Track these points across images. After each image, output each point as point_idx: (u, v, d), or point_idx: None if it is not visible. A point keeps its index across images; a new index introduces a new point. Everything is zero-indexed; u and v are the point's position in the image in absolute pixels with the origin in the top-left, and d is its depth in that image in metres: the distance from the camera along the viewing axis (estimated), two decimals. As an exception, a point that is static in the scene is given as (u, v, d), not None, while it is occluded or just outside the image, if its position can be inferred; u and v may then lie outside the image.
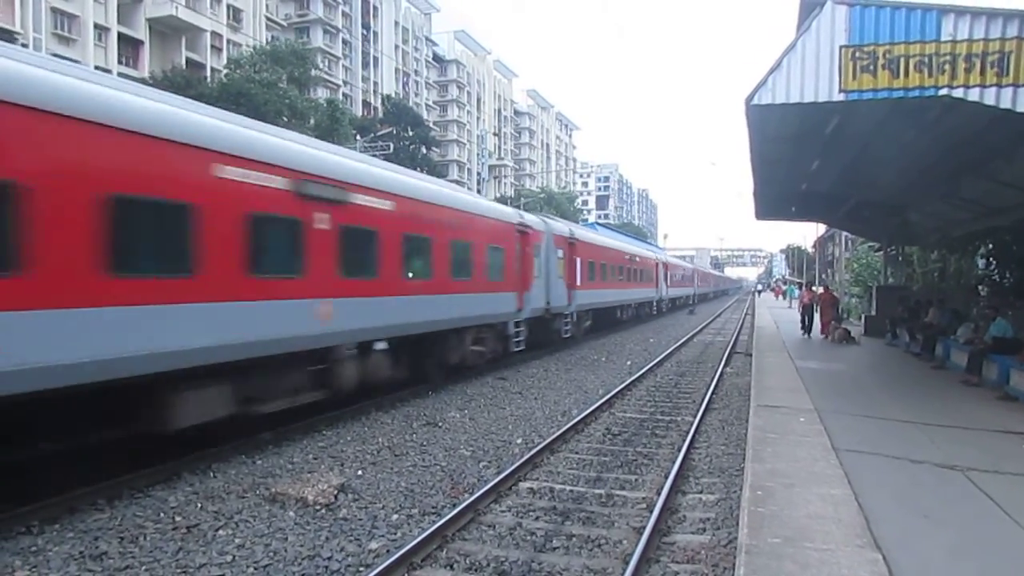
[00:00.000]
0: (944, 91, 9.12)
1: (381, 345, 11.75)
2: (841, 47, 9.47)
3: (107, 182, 6.88)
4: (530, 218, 20.54)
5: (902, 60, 9.19)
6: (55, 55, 42.71)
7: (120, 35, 48.31)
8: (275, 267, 9.22)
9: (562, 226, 23.99)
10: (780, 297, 66.93)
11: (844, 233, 42.20)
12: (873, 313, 25.86)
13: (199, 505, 7.15)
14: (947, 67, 9.00)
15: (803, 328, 24.77)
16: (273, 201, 9.13)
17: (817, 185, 18.80)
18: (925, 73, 9.09)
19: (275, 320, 9.05)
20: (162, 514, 6.86)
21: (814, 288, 26.17)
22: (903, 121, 11.87)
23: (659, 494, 7.41)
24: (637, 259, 35.59)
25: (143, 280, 7.29)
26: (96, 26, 46.33)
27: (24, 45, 40.76)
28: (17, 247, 6.06)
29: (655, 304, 41.65)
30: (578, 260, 23.96)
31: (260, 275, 8.82)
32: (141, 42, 50.21)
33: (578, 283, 23.84)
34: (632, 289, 34.02)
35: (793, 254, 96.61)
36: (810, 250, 72.62)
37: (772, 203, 22.68)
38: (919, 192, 18.33)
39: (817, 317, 25.58)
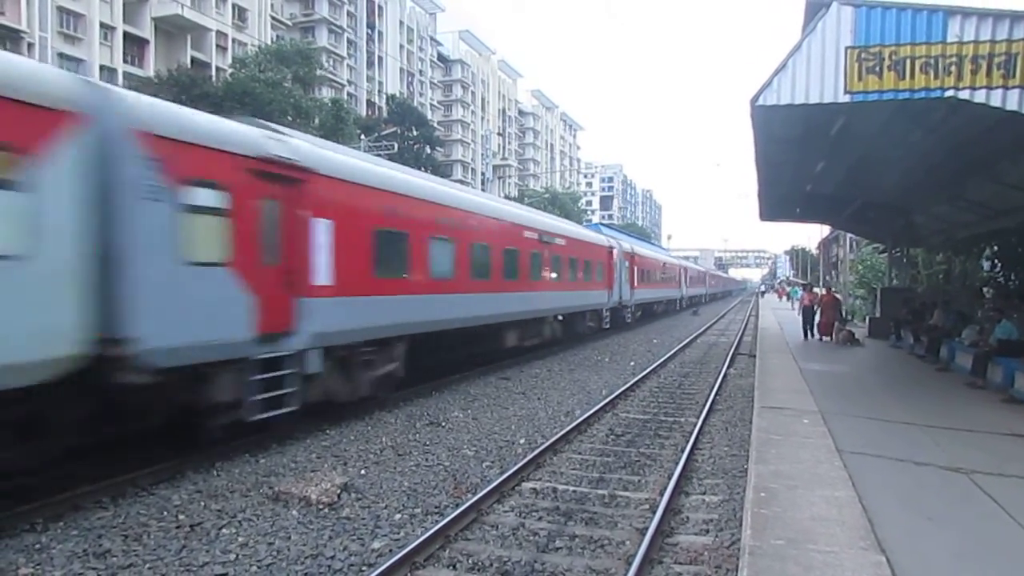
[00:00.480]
0: (950, 92, 9.08)
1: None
2: (847, 48, 9.43)
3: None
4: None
5: (908, 61, 9.16)
6: (61, 54, 43.02)
7: (126, 34, 48.44)
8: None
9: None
10: (784, 299, 66.90)
11: (849, 235, 42.14)
12: (877, 315, 25.80)
13: (203, 504, 7.16)
14: (953, 68, 8.96)
15: (804, 331, 24.29)
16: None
17: (822, 186, 18.76)
18: (931, 74, 9.06)
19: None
20: (166, 512, 6.88)
21: (816, 290, 25.97)
22: (909, 123, 11.85)
23: (662, 495, 7.40)
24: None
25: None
26: (102, 25, 46.47)
27: (30, 44, 40.98)
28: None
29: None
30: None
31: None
32: (147, 41, 50.34)
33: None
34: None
35: (797, 255, 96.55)
36: (814, 252, 72.57)
37: (777, 204, 22.64)
38: (924, 194, 18.28)
39: (855, 332, 24.57)
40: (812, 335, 23.92)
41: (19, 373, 6.05)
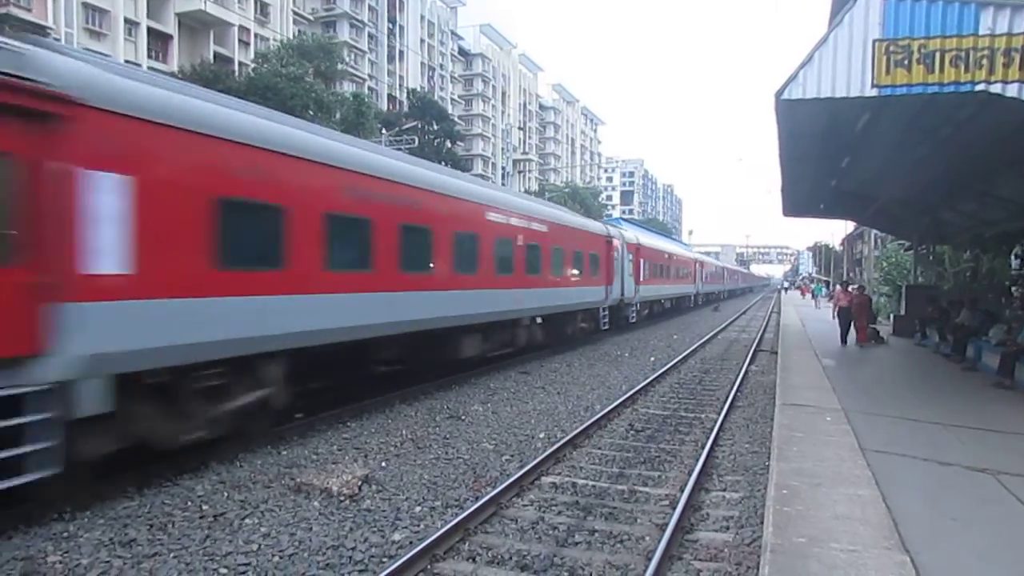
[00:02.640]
0: (981, 86, 8.92)
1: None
2: (874, 41, 9.29)
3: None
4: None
5: (938, 54, 9.00)
6: (87, 49, 43.56)
7: (150, 29, 48.84)
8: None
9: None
10: (808, 295, 64.96)
11: (873, 231, 41.64)
12: (902, 313, 25.45)
13: (226, 494, 7.24)
14: (985, 61, 8.79)
15: (842, 337, 20.91)
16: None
17: (847, 182, 18.53)
18: (962, 68, 8.89)
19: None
20: (190, 503, 6.96)
21: (851, 288, 22.64)
22: (937, 117, 11.66)
23: (682, 491, 7.36)
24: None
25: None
26: (126, 21, 46.89)
27: (56, 39, 41.50)
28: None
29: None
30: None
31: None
32: (170, 36, 50.76)
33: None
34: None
35: (820, 252, 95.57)
36: (838, 248, 71.77)
37: (800, 200, 22.39)
38: (952, 190, 17.99)
39: (880, 330, 22.37)
40: (847, 341, 20.78)
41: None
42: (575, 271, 20.79)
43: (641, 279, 29.56)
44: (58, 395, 6.02)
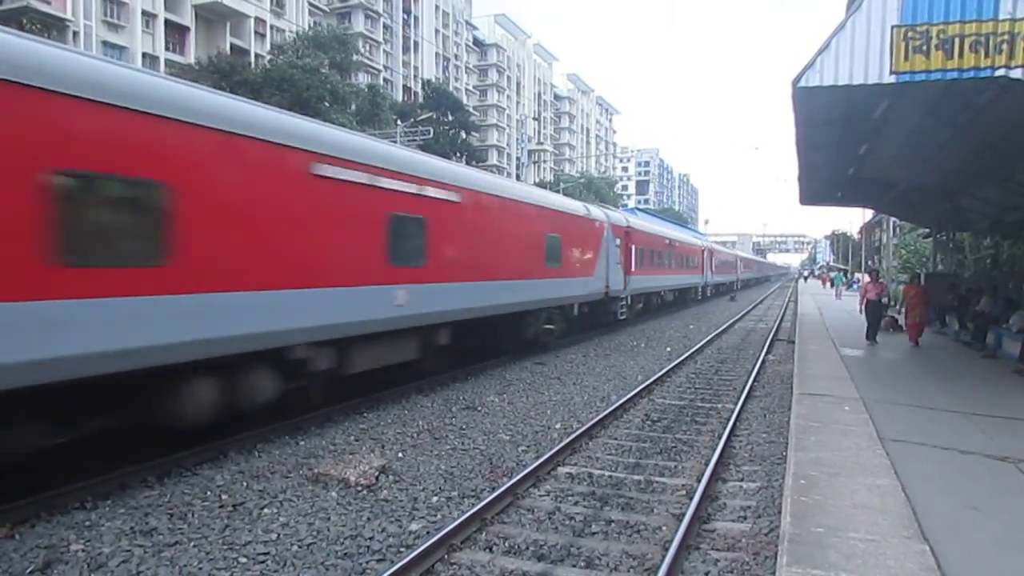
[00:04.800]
0: (1001, 71, 8.78)
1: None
2: (893, 27, 9.16)
3: None
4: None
5: (957, 40, 8.86)
6: (104, 42, 43.88)
7: (167, 22, 49.20)
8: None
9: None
10: (828, 285, 62.28)
11: (892, 219, 41.20)
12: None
13: (245, 484, 7.31)
14: (1005, 47, 8.65)
15: (868, 334, 18.10)
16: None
17: (865, 170, 18.32)
18: (981, 53, 8.75)
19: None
20: (209, 492, 7.04)
21: (883, 280, 20.33)
22: (957, 103, 11.51)
23: (699, 481, 7.36)
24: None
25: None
26: (144, 13, 47.26)
27: (75, 32, 41.87)
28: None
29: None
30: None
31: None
32: (187, 28, 51.10)
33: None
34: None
35: (838, 240, 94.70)
36: (856, 236, 70.99)
37: (817, 188, 22.17)
38: (972, 176, 17.75)
39: (898, 318, 21.18)
40: (876, 338, 18.09)
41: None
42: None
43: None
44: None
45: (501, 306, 14.55)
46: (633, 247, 25.40)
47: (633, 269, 25.39)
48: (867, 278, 21.25)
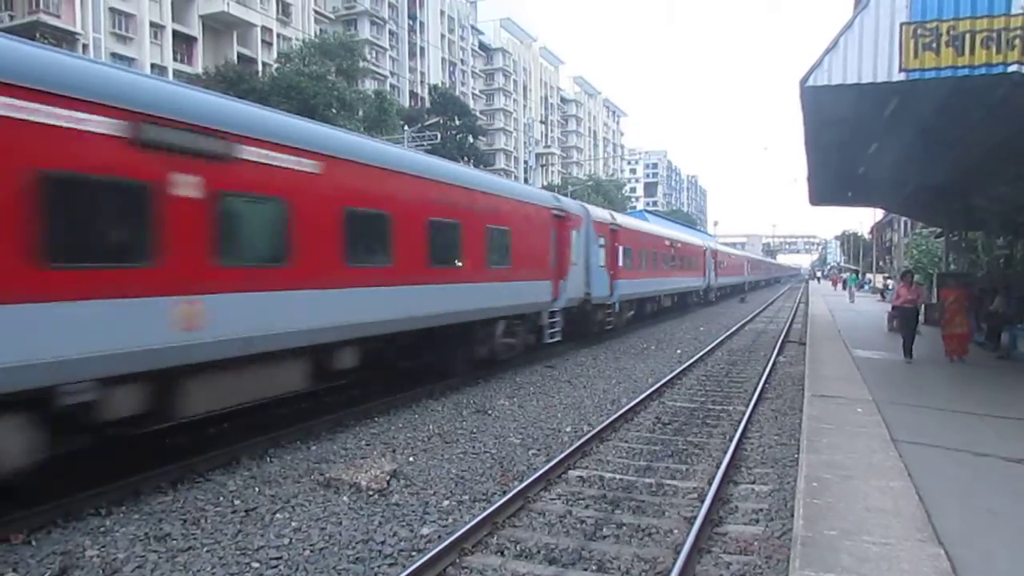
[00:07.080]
0: (1013, 67, 8.68)
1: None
2: (902, 24, 9.09)
3: None
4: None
5: (967, 36, 8.78)
6: (113, 54, 44.21)
7: (175, 32, 49.44)
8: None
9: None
10: (840, 287, 60.49)
11: (903, 218, 40.97)
12: (934, 301, 25.02)
13: (257, 489, 7.33)
14: (1017, 42, 8.55)
15: (906, 349, 15.06)
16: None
17: (875, 169, 18.20)
18: (993, 49, 8.67)
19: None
20: (222, 497, 7.06)
21: (918, 282, 17.58)
22: (967, 101, 11.39)
23: (711, 484, 7.32)
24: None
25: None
26: (152, 24, 47.51)
27: (84, 45, 42.19)
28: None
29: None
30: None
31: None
32: (195, 39, 51.35)
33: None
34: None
35: (848, 240, 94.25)
36: (866, 236, 70.64)
37: (827, 188, 22.05)
38: (984, 175, 17.60)
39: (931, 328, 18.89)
40: (912, 352, 15.02)
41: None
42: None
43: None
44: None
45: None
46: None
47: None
48: (900, 283, 18.33)
